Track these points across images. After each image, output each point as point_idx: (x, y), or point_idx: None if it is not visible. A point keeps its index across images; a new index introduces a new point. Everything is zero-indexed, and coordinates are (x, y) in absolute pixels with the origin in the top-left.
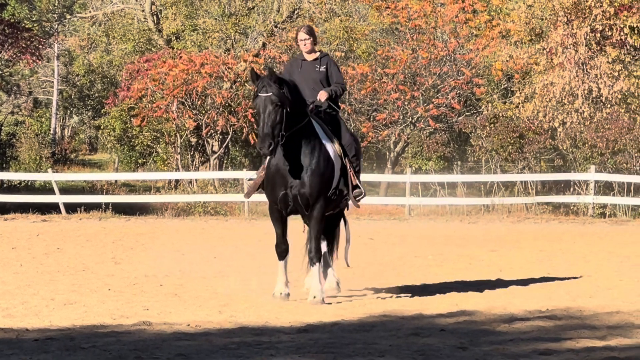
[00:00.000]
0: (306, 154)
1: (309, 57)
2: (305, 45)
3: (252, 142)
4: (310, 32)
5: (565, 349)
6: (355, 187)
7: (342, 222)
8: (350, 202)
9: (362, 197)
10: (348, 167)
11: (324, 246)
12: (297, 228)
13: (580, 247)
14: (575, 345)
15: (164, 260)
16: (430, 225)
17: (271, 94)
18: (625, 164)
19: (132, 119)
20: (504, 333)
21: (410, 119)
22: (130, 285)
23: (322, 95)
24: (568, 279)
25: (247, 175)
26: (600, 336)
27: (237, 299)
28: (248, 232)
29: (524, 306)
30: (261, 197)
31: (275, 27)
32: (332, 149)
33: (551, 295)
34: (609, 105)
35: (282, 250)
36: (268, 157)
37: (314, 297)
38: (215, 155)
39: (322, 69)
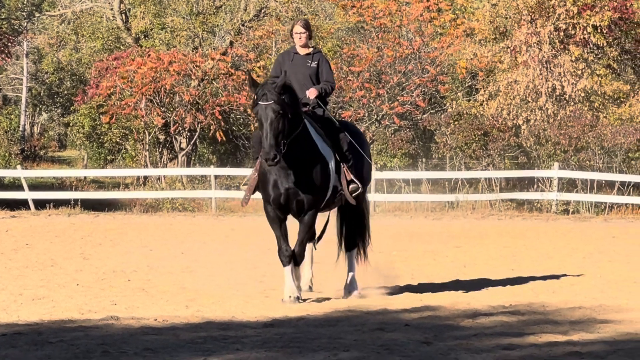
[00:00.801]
0: (301, 156)
1: (302, 51)
2: (300, 38)
3: (220, 139)
4: (307, 26)
5: (528, 343)
6: (351, 182)
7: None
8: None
9: (358, 192)
10: (342, 164)
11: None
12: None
13: (543, 244)
14: (538, 340)
15: (132, 256)
16: (395, 221)
17: (272, 102)
18: (588, 161)
19: (101, 116)
20: (468, 328)
21: (375, 117)
22: (98, 281)
23: (312, 93)
24: (531, 275)
25: (215, 172)
26: (562, 331)
27: (204, 294)
28: (215, 228)
29: (488, 302)
30: (228, 194)
31: (243, 25)
32: (325, 148)
33: (514, 291)
34: (572, 103)
35: (286, 256)
36: (259, 159)
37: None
38: (183, 152)
39: (314, 64)
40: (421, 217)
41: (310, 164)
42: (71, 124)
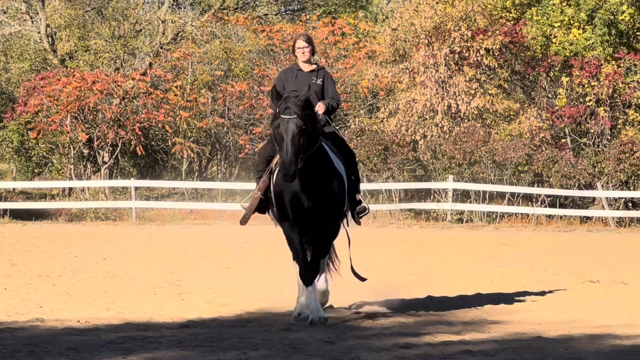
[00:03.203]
0: (319, 173)
1: (306, 68)
2: (303, 53)
3: (140, 153)
4: (309, 41)
5: (424, 343)
6: (358, 202)
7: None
8: (351, 219)
9: (365, 214)
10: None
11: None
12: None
13: (439, 250)
14: (433, 340)
15: (57, 262)
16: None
17: (296, 116)
18: (481, 174)
19: (29, 132)
20: (368, 328)
21: None
22: (25, 285)
23: (321, 108)
24: (428, 279)
25: (135, 184)
26: (456, 331)
27: (124, 297)
28: (135, 236)
29: (387, 303)
30: (147, 204)
31: (161, 48)
32: (340, 166)
33: (412, 294)
34: (466, 120)
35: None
36: (265, 178)
37: (319, 318)
38: (106, 166)
39: (319, 81)
40: None
41: (328, 181)
42: (0, 139)
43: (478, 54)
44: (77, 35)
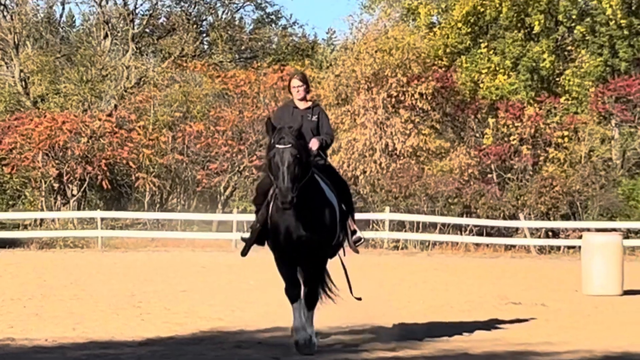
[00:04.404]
0: (311, 203)
1: (301, 105)
2: (298, 92)
3: (105, 187)
4: (304, 80)
5: (361, 358)
6: (354, 232)
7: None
8: (348, 248)
9: (361, 243)
10: (347, 215)
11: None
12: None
13: (376, 275)
14: (370, 356)
15: (28, 286)
16: (254, 255)
17: (290, 145)
18: (415, 206)
19: (3, 168)
20: None
21: (237, 168)
22: None
23: (314, 144)
24: (365, 301)
25: (101, 215)
26: (390, 348)
27: (89, 318)
28: (101, 262)
29: (329, 323)
30: (112, 233)
31: (125, 91)
32: (332, 196)
33: (349, 314)
34: (402, 158)
35: (294, 293)
36: (263, 211)
37: (304, 340)
38: (74, 198)
39: (314, 118)
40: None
41: (320, 211)
42: None
43: (413, 98)
44: (48, 80)
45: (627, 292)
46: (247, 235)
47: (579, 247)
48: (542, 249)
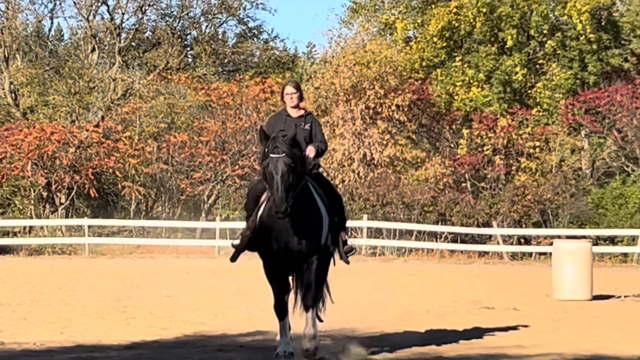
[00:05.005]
0: (303, 211)
1: (294, 113)
2: (291, 99)
3: (93, 195)
4: (297, 87)
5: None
6: (345, 242)
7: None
8: (338, 259)
9: (352, 253)
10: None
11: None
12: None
13: (354, 280)
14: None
15: (17, 291)
16: (236, 262)
17: (284, 154)
18: (392, 214)
19: None
20: None
21: (220, 177)
22: None
23: (311, 152)
24: (343, 305)
25: (89, 223)
26: (368, 352)
27: (76, 322)
28: (88, 268)
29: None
30: (98, 240)
31: (112, 103)
32: (322, 206)
33: (328, 318)
34: (379, 167)
35: (282, 311)
36: (254, 217)
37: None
38: (63, 206)
39: (307, 126)
40: (257, 258)
41: (309, 220)
42: None
43: (390, 110)
44: (37, 92)
45: (596, 297)
46: (237, 241)
47: (550, 253)
48: (514, 256)
